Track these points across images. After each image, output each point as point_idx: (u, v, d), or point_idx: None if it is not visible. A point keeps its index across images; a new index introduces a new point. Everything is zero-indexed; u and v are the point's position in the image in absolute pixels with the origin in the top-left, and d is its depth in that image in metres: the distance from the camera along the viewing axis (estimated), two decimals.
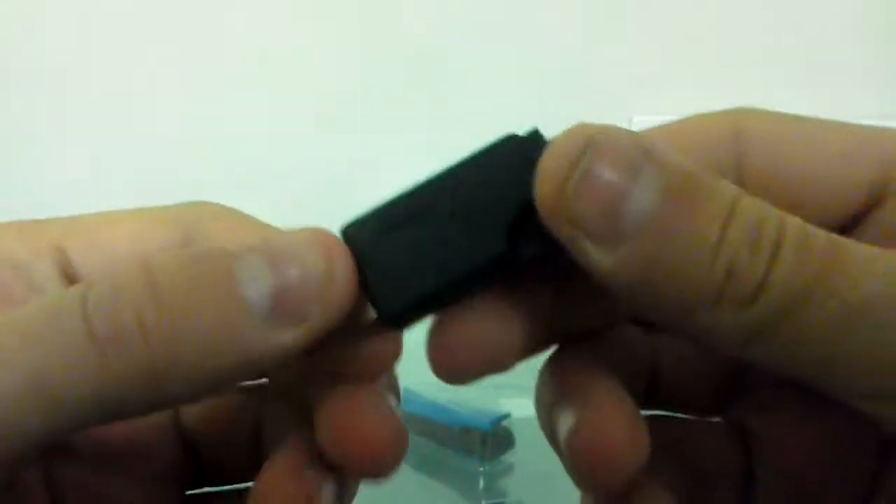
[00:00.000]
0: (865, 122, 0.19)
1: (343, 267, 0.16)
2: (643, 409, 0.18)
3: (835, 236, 0.15)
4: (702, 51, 0.67)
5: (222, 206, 0.20)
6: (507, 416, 0.53)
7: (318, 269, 0.16)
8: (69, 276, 0.19)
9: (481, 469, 0.51)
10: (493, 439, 0.52)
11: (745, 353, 0.16)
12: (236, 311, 0.15)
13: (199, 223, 0.19)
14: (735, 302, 0.15)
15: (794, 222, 0.15)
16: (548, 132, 0.17)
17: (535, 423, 0.19)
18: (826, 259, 0.15)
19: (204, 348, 0.15)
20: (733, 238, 0.15)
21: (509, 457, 0.53)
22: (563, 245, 0.16)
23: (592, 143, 0.15)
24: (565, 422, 0.17)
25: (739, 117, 0.19)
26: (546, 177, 0.16)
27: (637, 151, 0.15)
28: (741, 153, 0.19)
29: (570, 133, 0.16)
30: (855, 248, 0.15)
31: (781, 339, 0.15)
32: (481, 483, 0.51)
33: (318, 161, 0.65)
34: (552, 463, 0.18)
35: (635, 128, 0.18)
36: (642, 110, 0.66)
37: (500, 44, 0.66)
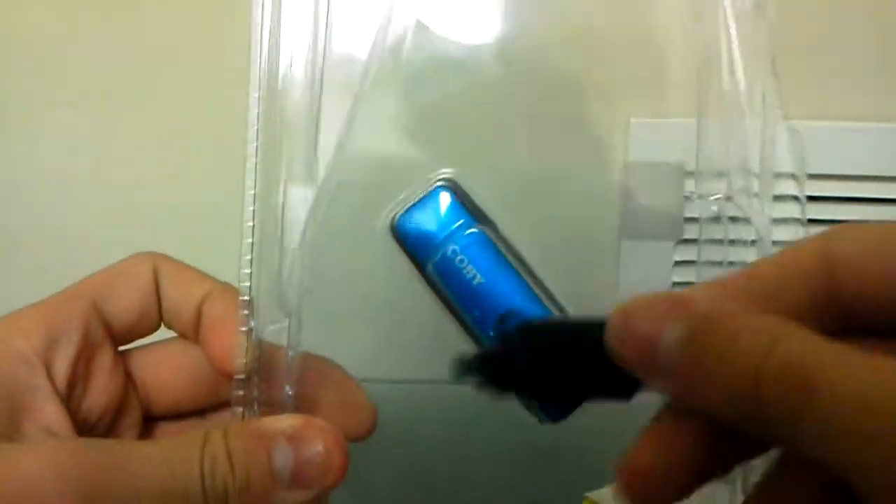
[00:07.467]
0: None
1: (339, 456, 0.23)
2: None
3: (819, 357, 0.17)
4: (697, 53, 0.67)
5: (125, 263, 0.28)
6: None
7: (322, 458, 0.23)
8: None
9: None
10: None
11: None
12: (274, 484, 0.23)
13: (108, 289, 0.27)
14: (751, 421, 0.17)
15: (779, 353, 0.17)
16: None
17: None
18: (803, 388, 0.16)
19: None
20: (727, 373, 0.18)
21: None
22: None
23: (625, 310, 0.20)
24: None
25: (828, 243, 0.20)
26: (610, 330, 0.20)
27: (666, 307, 0.19)
28: (832, 282, 0.19)
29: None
30: (831, 372, 0.16)
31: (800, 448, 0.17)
32: None
33: None
34: None
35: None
36: (639, 113, 0.66)
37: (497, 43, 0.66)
